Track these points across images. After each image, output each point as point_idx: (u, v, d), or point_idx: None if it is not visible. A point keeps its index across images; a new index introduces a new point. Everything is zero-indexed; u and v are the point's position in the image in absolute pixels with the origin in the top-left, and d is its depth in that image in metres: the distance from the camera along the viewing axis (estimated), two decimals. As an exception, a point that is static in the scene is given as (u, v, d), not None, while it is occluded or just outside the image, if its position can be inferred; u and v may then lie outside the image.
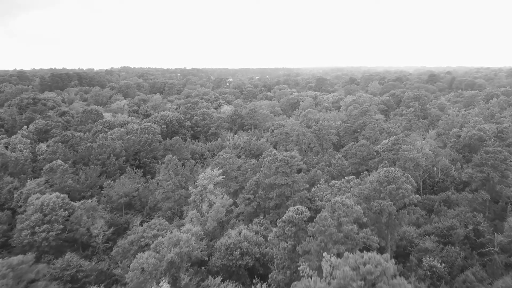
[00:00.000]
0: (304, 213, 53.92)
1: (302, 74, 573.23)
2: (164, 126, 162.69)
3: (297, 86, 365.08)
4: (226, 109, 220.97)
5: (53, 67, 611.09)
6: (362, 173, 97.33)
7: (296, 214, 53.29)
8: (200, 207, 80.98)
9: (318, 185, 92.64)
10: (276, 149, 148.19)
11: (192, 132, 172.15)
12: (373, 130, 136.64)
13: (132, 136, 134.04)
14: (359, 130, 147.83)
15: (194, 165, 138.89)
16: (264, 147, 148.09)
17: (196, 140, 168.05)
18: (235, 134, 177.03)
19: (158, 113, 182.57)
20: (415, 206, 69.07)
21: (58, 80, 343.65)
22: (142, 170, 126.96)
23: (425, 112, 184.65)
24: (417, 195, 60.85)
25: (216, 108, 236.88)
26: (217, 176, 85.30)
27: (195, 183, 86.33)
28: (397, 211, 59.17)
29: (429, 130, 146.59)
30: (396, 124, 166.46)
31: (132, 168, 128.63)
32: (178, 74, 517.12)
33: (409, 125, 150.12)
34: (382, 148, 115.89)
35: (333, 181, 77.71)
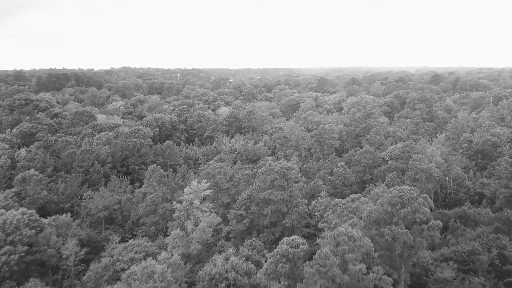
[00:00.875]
0: (301, 246, 43.27)
1: (303, 75, 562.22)
2: (157, 129, 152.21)
3: (298, 87, 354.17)
4: (224, 110, 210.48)
5: (54, 67, 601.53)
6: (367, 185, 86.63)
7: (291, 248, 42.70)
8: (185, 225, 70.39)
9: (319, 198, 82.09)
10: (274, 154, 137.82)
11: (186, 135, 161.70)
12: (378, 135, 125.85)
13: (120, 140, 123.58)
14: (362, 134, 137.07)
15: (187, 171, 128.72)
16: (262, 152, 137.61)
17: (191, 144, 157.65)
18: (232, 137, 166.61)
19: (154, 114, 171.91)
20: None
21: (55, 81, 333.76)
22: (130, 177, 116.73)
23: (431, 114, 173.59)
24: (438, 221, 50.03)
25: (214, 110, 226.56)
26: (204, 190, 74.65)
27: (181, 197, 75.74)
28: (413, 240, 48.44)
29: (437, 135, 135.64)
30: (401, 128, 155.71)
31: (119, 175, 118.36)
32: (178, 75, 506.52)
33: (415, 129, 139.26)
34: (388, 155, 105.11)
35: (336, 200, 66.88)
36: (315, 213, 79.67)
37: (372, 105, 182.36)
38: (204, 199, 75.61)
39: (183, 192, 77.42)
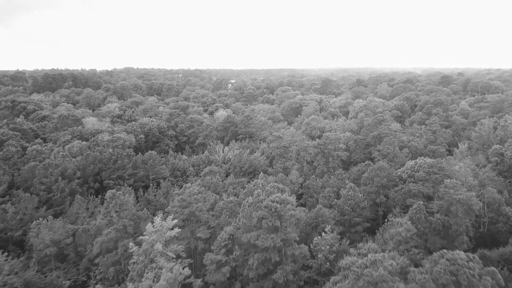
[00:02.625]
0: None
1: (307, 75, 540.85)
2: (142, 136, 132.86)
3: (302, 88, 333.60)
4: (222, 114, 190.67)
5: (56, 68, 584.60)
6: (380, 207, 66.75)
7: None
8: (143, 278, 50.93)
9: (324, 233, 62.46)
10: (272, 166, 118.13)
11: (176, 142, 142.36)
12: (391, 145, 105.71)
13: (94, 151, 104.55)
14: (373, 144, 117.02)
15: (173, 185, 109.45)
16: (258, 164, 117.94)
17: (179, 153, 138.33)
18: (227, 144, 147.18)
19: (142, 119, 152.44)
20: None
21: (51, 81, 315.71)
22: (103, 195, 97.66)
23: (447, 119, 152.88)
24: None
25: (212, 112, 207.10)
26: (170, 229, 55.11)
27: (141, 236, 56.23)
28: None
29: (459, 144, 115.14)
30: (415, 135, 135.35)
31: (89, 193, 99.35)
32: (180, 75, 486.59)
33: (433, 138, 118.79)
34: (406, 172, 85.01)
35: (348, 260, 46.75)
36: (318, 254, 60.17)
37: (381, 109, 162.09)
38: (170, 240, 55.94)
39: (153, 224, 58.03)
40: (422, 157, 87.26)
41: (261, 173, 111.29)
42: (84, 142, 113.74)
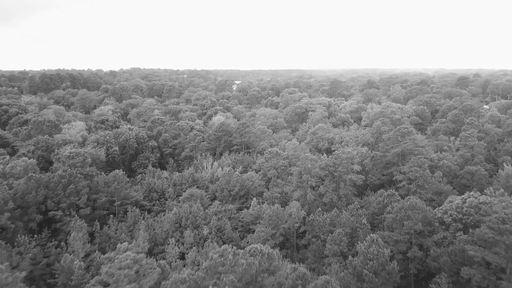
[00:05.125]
0: None
1: (316, 76, 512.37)
2: (117, 148, 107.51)
3: (309, 89, 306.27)
4: (219, 119, 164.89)
5: (62, 68, 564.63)
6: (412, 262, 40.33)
7: None
8: None
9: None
10: (268, 189, 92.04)
11: (159, 154, 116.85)
12: (421, 167, 78.97)
13: (37, 174, 79.65)
14: (395, 162, 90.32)
15: (145, 212, 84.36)
16: (252, 185, 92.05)
17: (161, 168, 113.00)
18: (220, 156, 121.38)
19: (119, 128, 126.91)
20: None
21: (48, 82, 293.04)
22: (47, 231, 72.73)
23: (478, 128, 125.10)
24: None
25: (211, 117, 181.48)
26: None
27: None
28: None
29: (505, 165, 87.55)
30: (443, 148, 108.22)
31: (27, 228, 74.41)
32: (185, 76, 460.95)
33: (469, 155, 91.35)
34: (451, 215, 58.33)
35: None
36: None
37: (399, 115, 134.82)
38: None
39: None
40: (471, 193, 60.26)
41: (254, 198, 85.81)
42: (31, 160, 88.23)
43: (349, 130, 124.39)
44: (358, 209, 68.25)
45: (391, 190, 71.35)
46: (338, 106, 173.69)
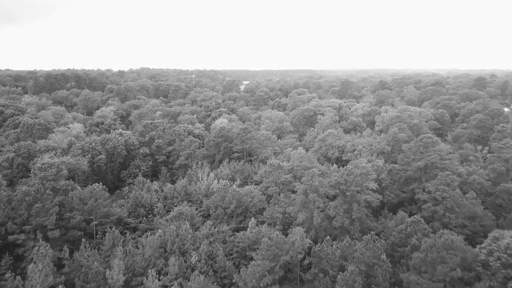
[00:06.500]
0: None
1: (326, 76, 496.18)
2: (103, 156, 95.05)
3: (319, 90, 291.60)
4: (221, 122, 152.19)
5: (71, 68, 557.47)
6: None
7: None
8: None
9: None
10: (269, 203, 78.74)
11: (152, 163, 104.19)
12: (449, 186, 64.97)
13: (1, 189, 67.60)
14: (417, 178, 76.23)
15: (123, 237, 71.54)
16: (250, 202, 78.89)
17: (153, 178, 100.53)
18: (220, 164, 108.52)
19: (110, 133, 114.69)
20: None
21: (52, 82, 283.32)
22: (7, 257, 60.65)
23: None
24: None
25: (215, 118, 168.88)
26: None
27: None
28: None
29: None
30: (468, 159, 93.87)
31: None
32: (193, 76, 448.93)
33: (504, 169, 76.75)
34: (497, 257, 44.40)
35: None
36: None
37: (417, 120, 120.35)
38: None
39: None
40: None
41: (252, 218, 72.64)
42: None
43: (362, 137, 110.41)
44: (376, 241, 54.51)
45: (414, 217, 57.36)
46: (350, 109, 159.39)
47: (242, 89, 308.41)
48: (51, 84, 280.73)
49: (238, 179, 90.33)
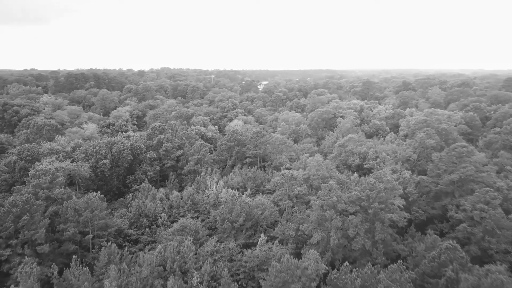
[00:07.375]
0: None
1: (346, 77, 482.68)
2: (107, 161, 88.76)
3: (340, 90, 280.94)
4: (237, 124, 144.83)
5: (94, 67, 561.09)
6: None
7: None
8: None
9: None
10: (281, 216, 70.51)
11: (160, 168, 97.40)
12: (489, 205, 55.40)
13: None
14: (449, 192, 66.63)
15: (120, 253, 64.50)
16: (261, 215, 70.92)
17: (161, 183, 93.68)
18: (231, 169, 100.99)
19: (115, 136, 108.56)
20: None
21: (72, 81, 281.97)
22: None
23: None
24: None
25: (231, 119, 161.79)
26: None
27: None
28: None
29: None
30: (506, 168, 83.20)
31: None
32: (213, 76, 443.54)
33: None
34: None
35: None
36: None
37: (446, 124, 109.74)
38: None
39: None
40: None
41: (262, 235, 64.59)
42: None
43: (385, 142, 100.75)
44: (403, 271, 45.71)
45: (450, 242, 48.22)
46: (371, 111, 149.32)
47: (260, 89, 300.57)
48: (71, 83, 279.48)
49: (249, 188, 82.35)
